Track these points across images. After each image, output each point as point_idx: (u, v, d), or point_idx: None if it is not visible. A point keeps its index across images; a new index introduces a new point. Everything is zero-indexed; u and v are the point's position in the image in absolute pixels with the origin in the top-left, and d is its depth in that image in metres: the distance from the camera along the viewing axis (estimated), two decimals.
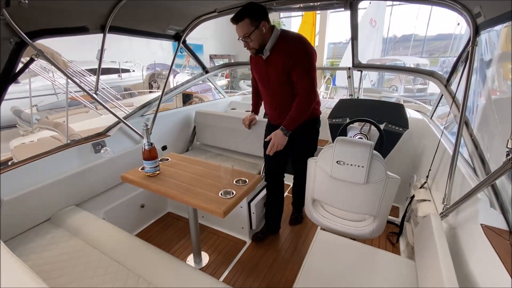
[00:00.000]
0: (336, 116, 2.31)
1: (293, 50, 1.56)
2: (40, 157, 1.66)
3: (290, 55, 1.56)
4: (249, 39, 1.55)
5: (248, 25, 1.51)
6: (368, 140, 1.32)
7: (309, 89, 1.61)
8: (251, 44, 1.58)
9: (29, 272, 0.77)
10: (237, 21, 1.51)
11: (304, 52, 1.57)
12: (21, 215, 1.52)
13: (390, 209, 1.45)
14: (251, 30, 1.52)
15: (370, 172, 1.33)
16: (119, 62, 8.27)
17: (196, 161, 1.82)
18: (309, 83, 1.60)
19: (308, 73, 1.59)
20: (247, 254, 1.97)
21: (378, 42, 9.78)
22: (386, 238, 2.10)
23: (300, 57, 1.56)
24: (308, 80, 1.60)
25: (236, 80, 11.81)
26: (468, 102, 1.39)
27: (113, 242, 1.43)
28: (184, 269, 1.23)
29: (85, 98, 4.79)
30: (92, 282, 1.19)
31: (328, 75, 8.74)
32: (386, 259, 1.33)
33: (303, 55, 1.57)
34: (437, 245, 1.04)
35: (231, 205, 1.31)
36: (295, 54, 1.56)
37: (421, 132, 2.30)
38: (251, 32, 1.53)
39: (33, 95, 5.12)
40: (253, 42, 1.57)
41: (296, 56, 1.56)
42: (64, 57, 3.93)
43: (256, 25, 1.52)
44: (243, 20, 1.50)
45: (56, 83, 4.88)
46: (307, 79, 1.60)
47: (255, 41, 1.57)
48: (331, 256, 1.34)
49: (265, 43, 1.59)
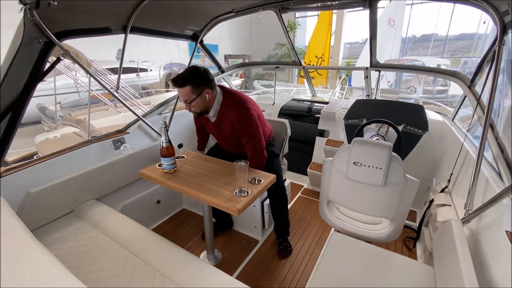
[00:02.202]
0: (352, 116, 2.27)
1: (236, 121, 1.67)
2: (64, 152, 1.73)
3: (234, 125, 1.68)
4: (191, 105, 1.59)
5: (189, 92, 1.53)
6: (386, 142, 1.30)
7: (257, 148, 1.74)
8: (192, 108, 1.62)
9: (57, 263, 0.81)
10: (180, 86, 1.52)
11: (247, 123, 1.68)
12: (47, 207, 1.60)
13: (407, 213, 1.41)
14: (192, 97, 1.55)
15: (388, 174, 1.31)
16: (137, 61, 8.50)
17: (212, 159, 1.85)
18: (256, 145, 1.73)
19: (253, 137, 1.71)
20: (260, 253, 1.97)
21: (397, 42, 9.50)
22: (402, 243, 2.05)
23: (244, 127, 1.69)
24: (254, 143, 1.72)
25: (250, 80, 11.85)
26: (494, 104, 1.33)
27: (131, 235, 1.47)
28: (201, 266, 1.26)
29: (105, 96, 4.96)
30: (112, 274, 1.24)
31: (344, 75, 8.59)
32: (403, 264, 1.30)
33: (246, 125, 1.68)
34: (458, 252, 1.01)
35: (245, 203, 1.32)
36: (239, 124, 1.68)
37: (442, 135, 2.23)
38: (193, 100, 1.56)
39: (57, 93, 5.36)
40: (194, 107, 1.61)
41: (240, 127, 1.68)
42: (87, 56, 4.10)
43: (198, 93, 1.55)
44: (185, 86, 1.51)
45: (78, 81, 5.08)
46: (253, 142, 1.72)
47: (197, 107, 1.62)
48: (346, 259, 1.32)
49: (208, 109, 1.67)
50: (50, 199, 1.60)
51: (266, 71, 12.74)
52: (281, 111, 3.22)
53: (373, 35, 2.24)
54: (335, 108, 2.76)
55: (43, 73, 1.50)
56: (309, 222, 2.32)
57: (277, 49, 11.93)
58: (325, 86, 8.26)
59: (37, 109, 5.40)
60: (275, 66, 3.17)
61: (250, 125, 1.69)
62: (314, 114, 3.06)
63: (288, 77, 12.22)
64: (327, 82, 8.98)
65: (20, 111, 1.43)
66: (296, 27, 11.46)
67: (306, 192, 2.82)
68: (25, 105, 1.44)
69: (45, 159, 1.64)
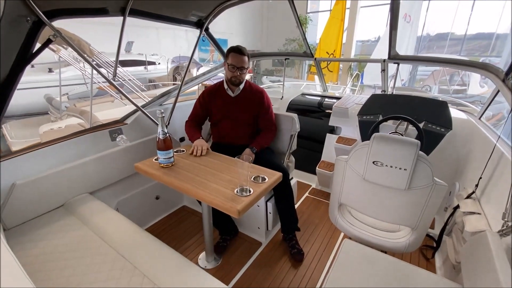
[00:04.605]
0: (367, 112, 2.09)
1: (262, 94, 1.97)
2: (56, 142, 1.62)
3: (257, 98, 1.94)
4: (243, 73, 1.81)
5: (247, 61, 1.80)
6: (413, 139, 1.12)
7: (272, 123, 2.02)
8: (243, 76, 1.84)
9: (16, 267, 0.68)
10: (243, 54, 1.78)
11: (268, 100, 2.00)
12: (35, 200, 1.49)
13: (431, 221, 1.24)
14: (247, 66, 1.81)
15: (414, 177, 1.13)
16: (145, 54, 8.43)
17: (213, 154, 1.71)
18: (271, 119, 2.02)
19: (271, 113, 2.02)
20: (263, 256, 1.83)
21: (412, 39, 9.10)
22: (419, 252, 1.87)
23: (267, 101, 1.98)
24: (271, 117, 2.01)
25: (259, 76, 11.68)
26: None
27: (122, 235, 1.35)
28: (194, 272, 1.12)
29: (111, 88, 4.89)
30: (97, 277, 1.11)
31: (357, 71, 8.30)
32: (426, 281, 1.13)
33: (268, 101, 1.99)
34: (498, 269, 0.84)
35: (247, 204, 1.18)
36: (265, 99, 1.97)
37: (467, 135, 2.02)
38: (247, 68, 1.82)
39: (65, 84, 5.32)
40: (244, 75, 1.85)
41: (262, 102, 1.95)
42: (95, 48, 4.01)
43: (248, 65, 1.83)
44: (245, 55, 1.79)
45: (86, 73, 5.02)
46: (270, 116, 2.00)
47: (244, 76, 1.86)
48: (360, 271, 1.16)
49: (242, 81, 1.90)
50: (39, 191, 1.49)
51: (276, 67, 12.53)
52: (289, 105, 3.05)
53: (394, 25, 2.05)
54: (348, 103, 2.57)
55: (32, 55, 1.38)
56: (317, 225, 2.16)
57: (287, 45, 11.70)
58: (336, 82, 7.96)
59: (45, 99, 5.39)
60: (284, 58, 3.00)
61: (270, 103, 1.99)
62: (325, 109, 2.88)
63: (298, 73, 11.98)
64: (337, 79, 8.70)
65: (6, 96, 1.32)
66: (308, 22, 11.18)
67: (314, 193, 2.65)
68: (12, 89, 1.33)
69: (35, 149, 1.53)
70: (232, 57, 1.78)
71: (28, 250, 1.26)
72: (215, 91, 1.94)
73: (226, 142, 1.99)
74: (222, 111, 1.92)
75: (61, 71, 4.89)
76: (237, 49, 1.77)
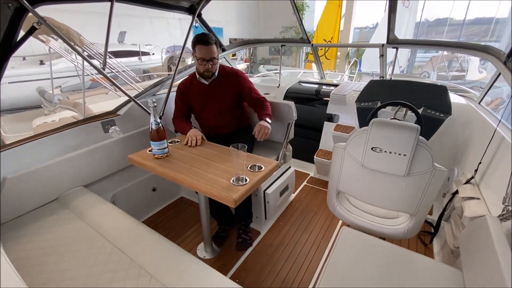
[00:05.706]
0: (365, 99, 2.05)
1: (238, 75, 1.87)
2: (48, 134, 1.58)
3: (235, 81, 1.84)
4: (213, 64, 1.69)
5: (216, 50, 1.66)
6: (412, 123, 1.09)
7: (261, 97, 1.91)
8: (214, 67, 1.72)
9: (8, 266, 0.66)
10: (210, 44, 1.62)
11: (247, 78, 1.93)
12: (28, 194, 1.46)
13: (430, 207, 1.23)
14: (217, 56, 1.68)
15: (414, 162, 1.11)
16: (139, 45, 8.25)
17: (209, 144, 1.68)
18: (259, 93, 1.93)
19: (254, 88, 1.92)
20: (261, 246, 1.83)
21: (411, 25, 8.93)
22: (417, 237, 1.88)
23: (245, 81, 1.89)
24: (256, 92, 1.92)
25: (255, 65, 11.51)
26: None
27: (118, 227, 1.33)
28: (192, 263, 1.11)
29: (105, 80, 4.79)
30: (93, 271, 1.10)
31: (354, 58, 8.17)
32: (425, 266, 1.12)
33: (247, 79, 1.91)
34: (499, 254, 0.83)
35: (243, 193, 1.15)
36: (241, 79, 1.87)
37: (467, 119, 2.00)
38: (217, 58, 1.69)
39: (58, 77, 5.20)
40: (215, 66, 1.73)
41: (241, 81, 1.86)
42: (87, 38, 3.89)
43: (218, 54, 1.70)
44: (213, 45, 1.64)
45: (78, 64, 4.90)
46: (255, 91, 1.91)
47: (215, 67, 1.74)
48: (358, 258, 1.16)
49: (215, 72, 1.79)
50: (31, 185, 1.46)
51: (272, 55, 12.33)
52: (286, 94, 3.00)
53: (393, 8, 1.98)
54: (346, 90, 2.53)
55: (16, 43, 1.32)
56: (315, 213, 2.16)
57: (284, 33, 11.49)
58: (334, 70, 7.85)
59: (37, 92, 5.29)
60: (281, 45, 2.93)
61: (249, 82, 1.90)
62: (323, 97, 2.83)
63: (295, 62, 11.82)
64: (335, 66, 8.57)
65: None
66: (304, 9, 10.95)
67: (312, 181, 2.64)
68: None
69: (25, 142, 1.49)
70: (200, 49, 1.63)
71: (22, 244, 1.24)
72: (189, 83, 1.85)
73: (214, 132, 1.91)
74: (200, 101, 1.84)
75: (52, 63, 4.78)
76: (203, 39, 1.60)
